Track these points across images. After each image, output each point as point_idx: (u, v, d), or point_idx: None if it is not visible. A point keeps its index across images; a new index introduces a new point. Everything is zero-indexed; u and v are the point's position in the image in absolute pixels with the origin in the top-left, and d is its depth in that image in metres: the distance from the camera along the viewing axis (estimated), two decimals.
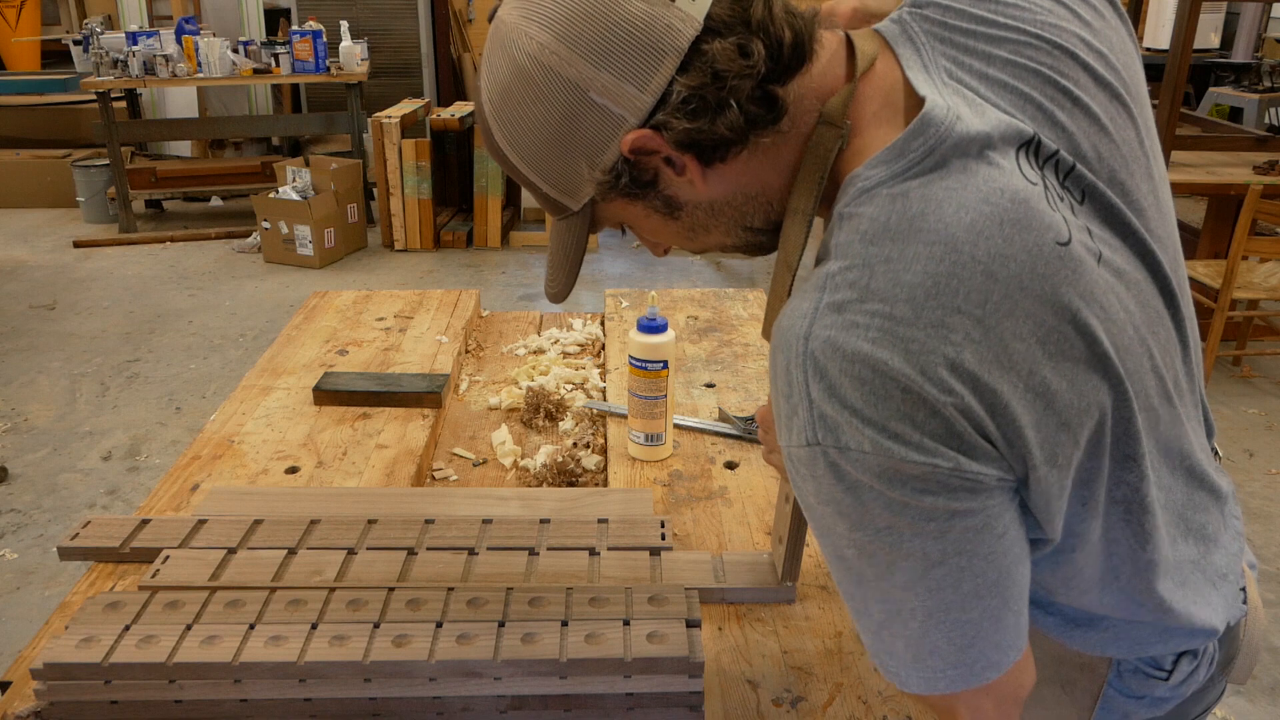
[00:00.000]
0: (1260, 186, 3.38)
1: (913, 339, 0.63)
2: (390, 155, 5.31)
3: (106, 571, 1.18)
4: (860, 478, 0.64)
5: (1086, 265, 0.68)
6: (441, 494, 1.32)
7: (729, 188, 0.75)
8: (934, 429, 0.63)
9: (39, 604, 2.62)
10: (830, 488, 0.66)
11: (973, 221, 0.65)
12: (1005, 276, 0.64)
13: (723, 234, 0.79)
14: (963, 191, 0.66)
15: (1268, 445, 3.44)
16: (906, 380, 0.63)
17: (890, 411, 0.63)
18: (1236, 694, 2.32)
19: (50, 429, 3.56)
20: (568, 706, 0.96)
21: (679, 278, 5.13)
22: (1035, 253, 0.65)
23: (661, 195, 0.76)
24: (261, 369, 1.71)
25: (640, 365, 1.37)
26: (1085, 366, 0.67)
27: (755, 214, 0.78)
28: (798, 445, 0.66)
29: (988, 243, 0.65)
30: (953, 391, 0.63)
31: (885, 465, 0.64)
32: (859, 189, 0.69)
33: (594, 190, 0.75)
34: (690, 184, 0.74)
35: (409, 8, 7.25)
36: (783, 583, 1.12)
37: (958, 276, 0.64)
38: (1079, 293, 0.66)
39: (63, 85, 6.71)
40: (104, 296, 4.84)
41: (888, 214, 0.67)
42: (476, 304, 2.00)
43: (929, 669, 0.71)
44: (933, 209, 0.66)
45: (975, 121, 0.69)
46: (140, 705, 0.95)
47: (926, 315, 0.64)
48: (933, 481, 0.64)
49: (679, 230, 0.79)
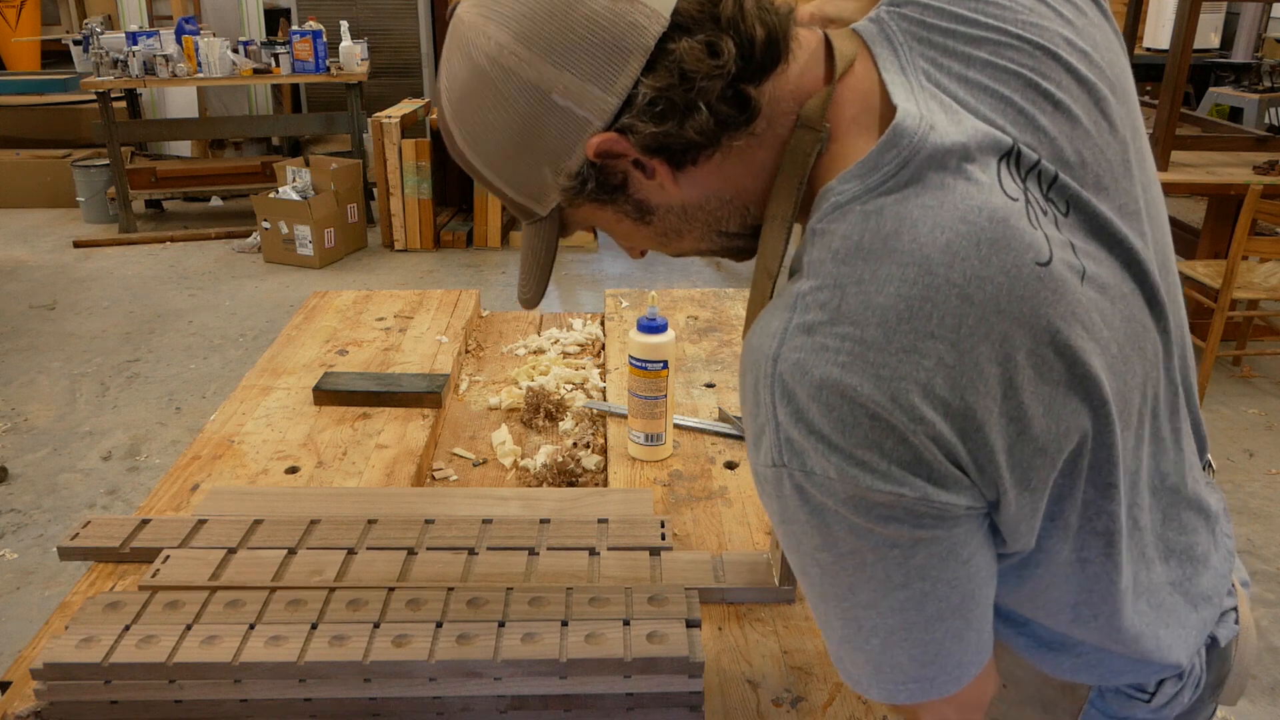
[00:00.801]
0: (1260, 186, 3.38)
1: (883, 364, 0.61)
2: (390, 155, 5.31)
3: (106, 571, 1.18)
4: (825, 501, 0.63)
5: (1069, 285, 0.65)
6: (441, 494, 1.32)
7: (701, 191, 0.72)
8: (902, 457, 0.62)
9: (39, 604, 2.62)
10: (795, 509, 0.65)
11: (949, 242, 0.63)
12: (981, 299, 0.62)
13: (697, 239, 0.77)
14: (939, 210, 0.64)
15: (1268, 445, 3.44)
16: (875, 407, 0.61)
17: (857, 439, 0.61)
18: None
19: (50, 429, 3.56)
20: (568, 706, 0.96)
21: (679, 278, 5.13)
22: (1014, 274, 0.63)
23: (632, 199, 0.73)
24: (261, 369, 1.71)
25: (640, 365, 1.37)
26: (1065, 389, 0.65)
27: (730, 218, 0.75)
28: (764, 465, 0.65)
29: (963, 264, 0.62)
30: (923, 420, 0.61)
31: (850, 492, 0.62)
32: (832, 204, 0.66)
33: (560, 196, 0.72)
34: (661, 188, 0.71)
35: (409, 8, 7.25)
36: (781, 585, 1.12)
37: (931, 300, 0.62)
38: (1059, 314, 0.64)
39: (63, 85, 6.71)
40: (104, 296, 4.84)
41: (860, 232, 0.64)
42: (476, 304, 2.00)
43: (890, 681, 0.71)
44: (907, 228, 0.63)
45: (951, 131, 0.66)
46: (140, 705, 0.95)
47: (898, 340, 0.61)
48: (898, 509, 0.62)
49: (651, 235, 0.77)
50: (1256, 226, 3.44)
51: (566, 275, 5.14)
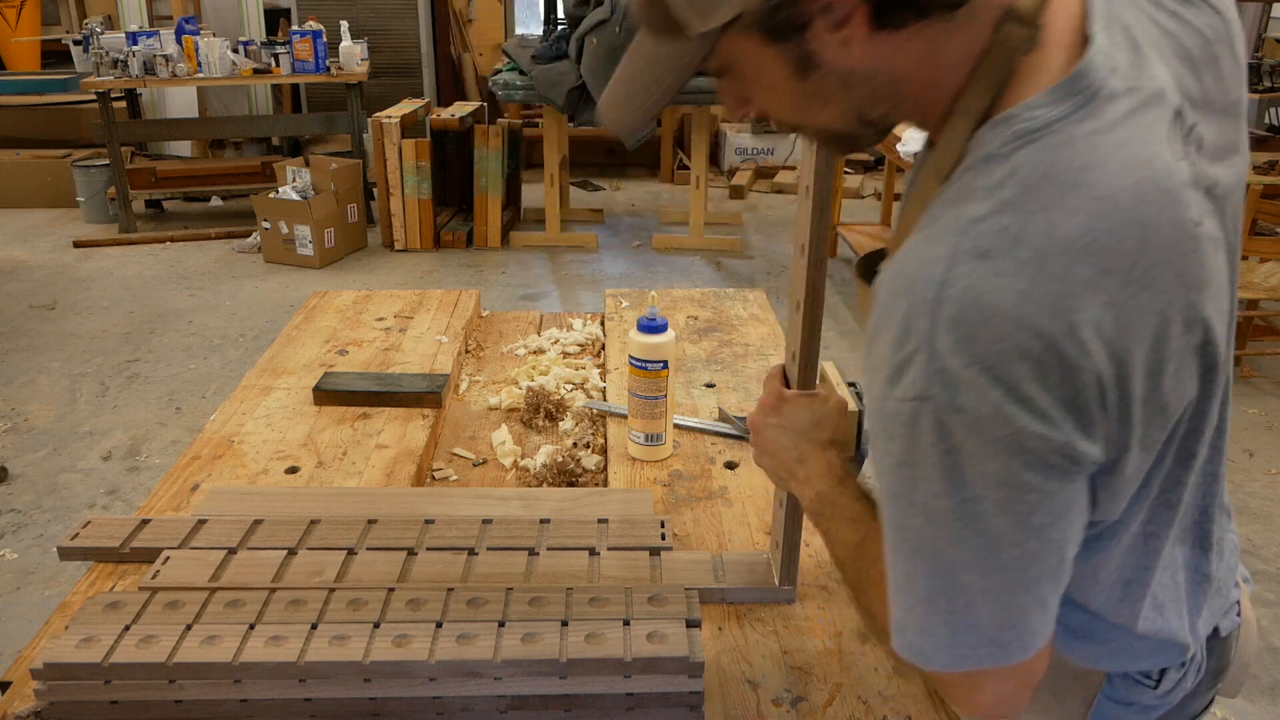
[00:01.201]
0: (1260, 186, 3.38)
1: (1062, 295, 0.60)
2: (390, 155, 5.31)
3: (106, 572, 1.18)
4: (963, 442, 0.62)
5: (1209, 252, 0.66)
6: (441, 494, 1.32)
7: (878, 62, 0.68)
8: (1063, 394, 0.61)
9: (39, 604, 2.62)
10: (926, 448, 0.63)
11: (1135, 184, 0.62)
12: (1154, 247, 0.62)
13: (836, 114, 0.72)
14: (1126, 151, 0.63)
15: (1268, 445, 3.44)
16: (1049, 338, 0.60)
17: (1024, 372, 0.60)
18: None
19: (50, 429, 3.56)
20: (568, 706, 0.96)
21: (679, 278, 5.13)
22: (1180, 230, 0.63)
23: (804, 48, 0.68)
24: (261, 369, 1.71)
25: (640, 365, 1.37)
26: (1193, 353, 0.66)
27: (882, 103, 0.71)
28: (902, 399, 0.63)
29: (1145, 209, 0.62)
30: (1090, 355, 0.61)
31: (1000, 433, 0.61)
32: (1019, 130, 0.64)
33: (736, 10, 0.65)
34: (842, 44, 0.67)
35: (409, 8, 7.24)
36: (781, 585, 1.12)
37: (1115, 238, 0.61)
38: (1204, 278, 0.65)
39: (63, 85, 6.69)
40: (104, 296, 4.84)
41: (1050, 161, 0.63)
42: (476, 304, 2.00)
43: (964, 645, 0.69)
44: (1098, 163, 0.62)
45: (1136, 74, 0.66)
46: (140, 705, 0.95)
47: (1079, 272, 0.60)
48: (1040, 455, 0.62)
49: (797, 95, 0.71)
50: (1256, 226, 3.45)
51: (566, 275, 5.14)
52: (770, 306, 2.02)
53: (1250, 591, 0.96)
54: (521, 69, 5.23)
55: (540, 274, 5.16)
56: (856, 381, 1.66)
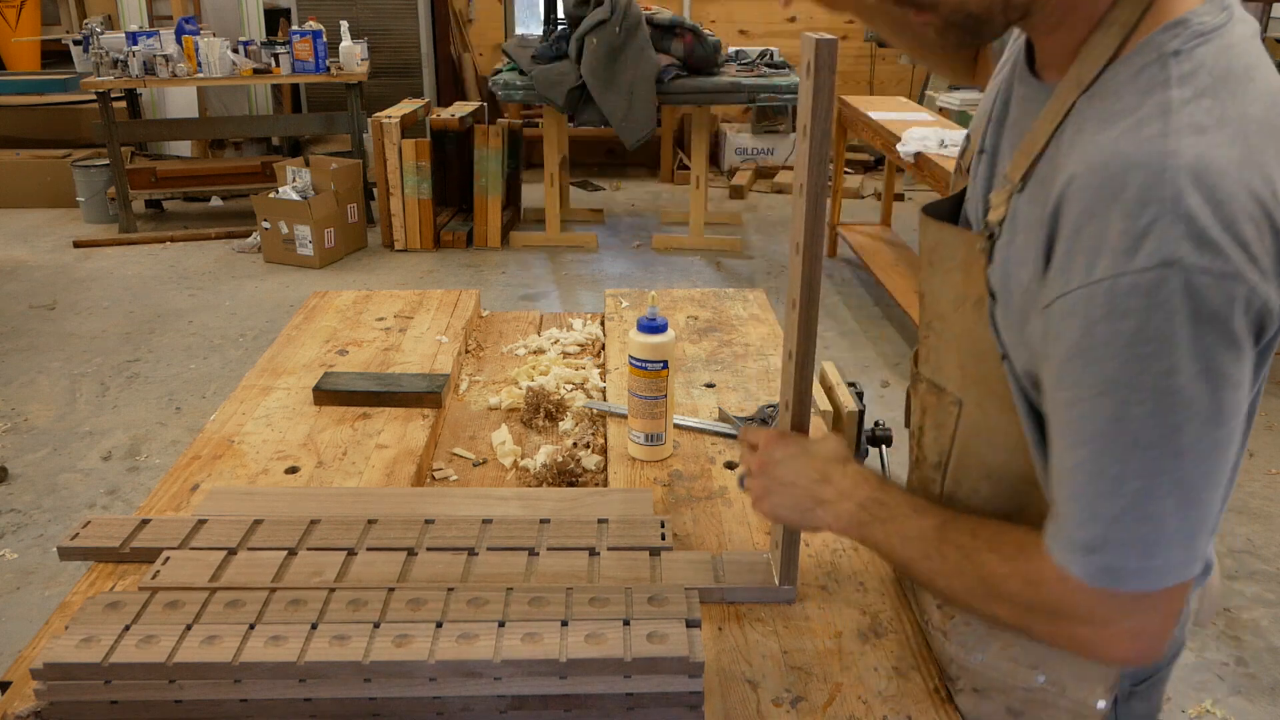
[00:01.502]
0: None
1: (1265, 164, 0.68)
2: (390, 155, 5.31)
3: (106, 571, 1.18)
4: (1206, 307, 0.65)
5: None
6: (441, 494, 1.32)
7: None
8: (1274, 253, 0.67)
9: (39, 604, 2.62)
10: (1164, 322, 0.66)
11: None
12: None
13: None
14: (1266, 58, 0.74)
15: (1268, 445, 3.44)
16: (1262, 201, 0.67)
17: (1251, 232, 0.66)
18: (1236, 694, 2.32)
19: (50, 429, 3.57)
20: (568, 706, 0.96)
21: (679, 278, 5.13)
22: None
23: None
24: (261, 369, 1.71)
25: (640, 365, 1.37)
26: None
27: None
28: (1141, 269, 0.66)
29: None
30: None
31: (1236, 293, 0.65)
32: (1195, 30, 0.72)
33: None
34: None
35: (409, 8, 7.24)
36: (781, 585, 1.12)
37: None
38: None
39: (63, 85, 6.69)
40: (104, 296, 4.84)
41: (1229, 59, 0.71)
42: (476, 304, 2.00)
43: (1163, 557, 0.71)
44: (1258, 62, 0.73)
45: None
46: (140, 705, 0.95)
47: (1272, 147, 0.69)
48: (1259, 320, 0.68)
49: None
50: None
51: (566, 275, 5.14)
52: (770, 306, 2.02)
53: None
54: (521, 69, 5.23)
55: (540, 274, 5.16)
56: (856, 381, 1.66)
